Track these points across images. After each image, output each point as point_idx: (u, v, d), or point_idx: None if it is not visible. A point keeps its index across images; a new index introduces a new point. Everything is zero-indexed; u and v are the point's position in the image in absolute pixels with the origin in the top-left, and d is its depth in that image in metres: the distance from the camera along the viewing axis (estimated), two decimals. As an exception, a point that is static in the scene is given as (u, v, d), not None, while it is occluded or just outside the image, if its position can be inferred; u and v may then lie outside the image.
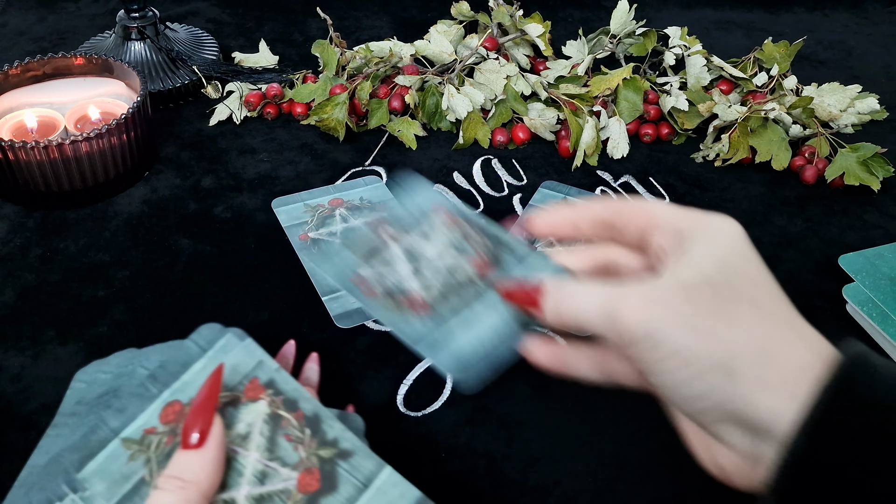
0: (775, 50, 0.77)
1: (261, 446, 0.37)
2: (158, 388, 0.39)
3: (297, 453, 0.37)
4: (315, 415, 0.38)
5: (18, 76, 0.65)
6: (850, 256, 0.57)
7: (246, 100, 0.72)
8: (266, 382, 0.39)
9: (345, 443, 0.37)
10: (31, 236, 0.59)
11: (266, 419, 0.38)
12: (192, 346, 0.41)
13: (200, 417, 0.36)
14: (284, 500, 0.36)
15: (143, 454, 0.37)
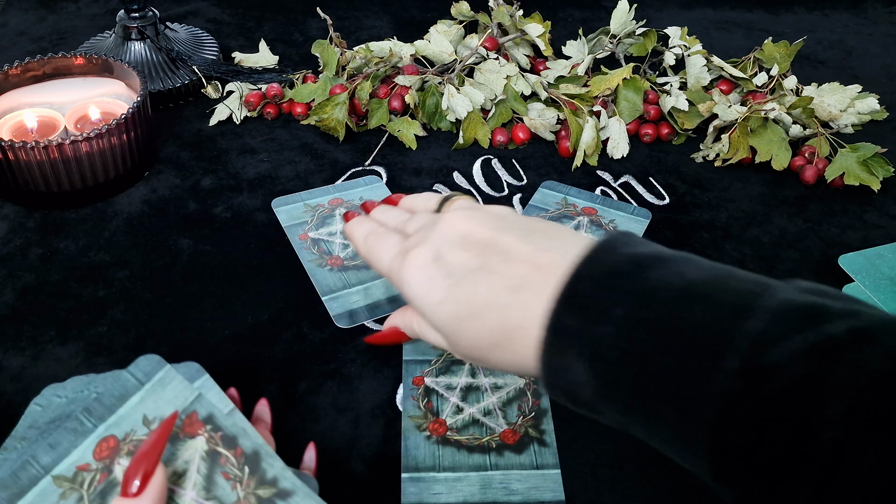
0: (775, 50, 0.77)
1: (197, 484, 0.36)
2: (93, 423, 0.38)
3: (235, 492, 0.36)
4: (255, 452, 0.37)
5: (18, 76, 0.65)
6: (850, 256, 0.57)
7: (246, 100, 0.72)
8: (205, 417, 0.38)
9: (284, 482, 0.37)
10: (31, 236, 0.59)
11: (203, 456, 0.37)
12: (130, 378, 0.40)
13: (144, 464, 0.35)
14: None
15: (76, 492, 0.36)
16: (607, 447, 0.46)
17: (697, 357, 0.30)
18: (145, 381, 0.40)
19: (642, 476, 0.45)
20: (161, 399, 0.39)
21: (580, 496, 0.44)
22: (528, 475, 0.44)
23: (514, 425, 0.47)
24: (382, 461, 0.45)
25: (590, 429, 0.47)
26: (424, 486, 0.43)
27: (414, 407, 0.47)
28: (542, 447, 0.45)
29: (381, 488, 0.43)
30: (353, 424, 0.46)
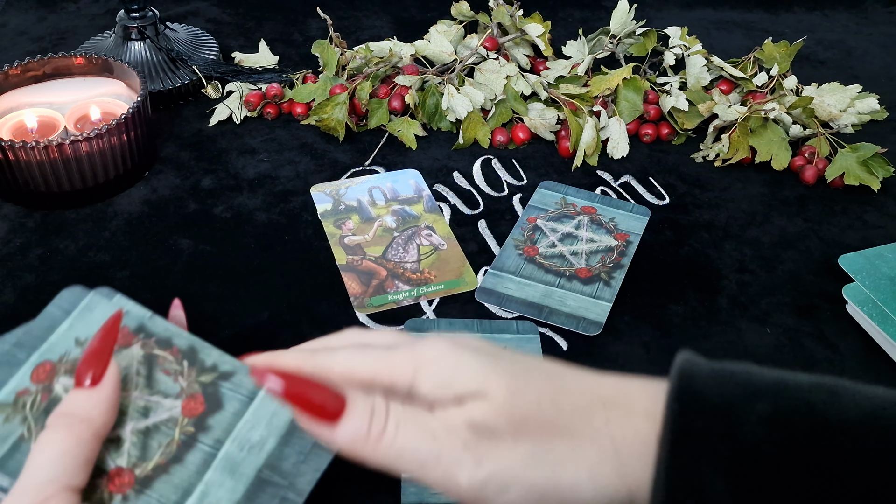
0: (775, 50, 0.77)
1: (139, 385, 0.39)
2: (26, 353, 0.40)
3: (178, 384, 0.39)
4: (190, 347, 0.40)
5: (18, 76, 0.65)
6: (850, 256, 0.57)
7: (246, 100, 0.72)
8: (135, 329, 0.41)
9: (224, 365, 0.39)
10: (31, 236, 0.59)
11: (141, 360, 0.40)
12: (55, 310, 0.42)
13: (95, 359, 0.36)
14: (172, 427, 0.37)
15: (19, 414, 0.38)
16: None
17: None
18: (71, 310, 0.41)
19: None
20: (90, 322, 0.41)
21: (580, 496, 0.44)
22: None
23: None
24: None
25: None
26: (424, 486, 0.43)
27: None
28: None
29: (381, 488, 0.43)
30: (354, 424, 0.46)
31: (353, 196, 0.63)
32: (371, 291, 0.55)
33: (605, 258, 0.58)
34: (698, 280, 0.58)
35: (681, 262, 0.60)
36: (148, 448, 0.36)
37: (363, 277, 0.56)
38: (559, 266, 0.57)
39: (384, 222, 0.61)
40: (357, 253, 0.58)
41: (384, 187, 0.64)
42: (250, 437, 0.37)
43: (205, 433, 0.37)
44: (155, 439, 0.37)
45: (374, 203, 0.63)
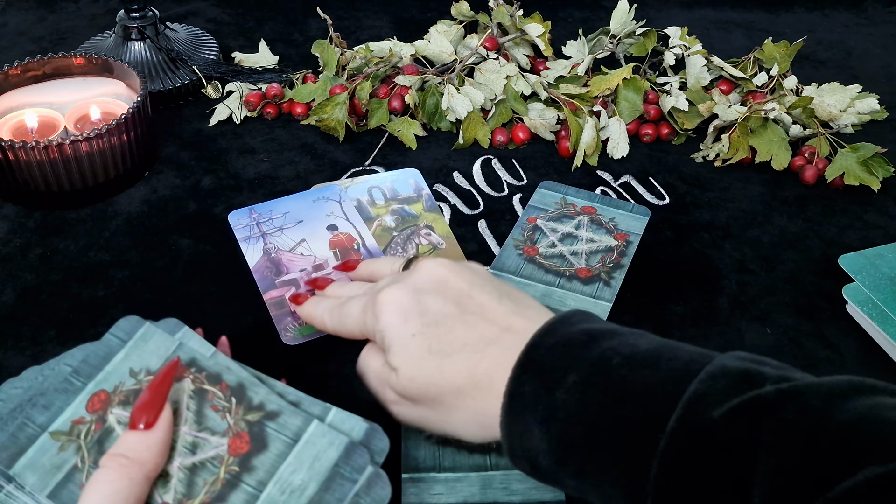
0: (775, 50, 0.77)
1: (188, 420, 0.39)
2: (82, 382, 0.40)
3: (225, 421, 0.39)
4: (239, 384, 0.40)
5: (18, 76, 0.65)
6: (850, 256, 0.57)
7: (246, 100, 0.72)
8: (187, 362, 0.41)
9: (271, 405, 0.39)
10: (31, 236, 0.59)
11: (191, 395, 0.39)
12: (112, 339, 0.42)
13: (150, 404, 0.37)
14: (217, 465, 0.37)
15: (73, 443, 0.37)
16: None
17: (644, 420, 0.33)
18: (127, 340, 0.42)
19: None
20: (144, 352, 0.41)
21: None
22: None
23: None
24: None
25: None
26: (425, 486, 0.43)
27: None
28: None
29: (381, 488, 0.43)
30: (354, 424, 0.46)
31: (354, 195, 0.63)
32: None
33: (605, 258, 0.57)
34: (698, 280, 0.58)
35: (681, 262, 0.60)
36: (194, 485, 0.36)
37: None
38: (559, 266, 0.57)
39: (383, 222, 0.61)
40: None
41: (384, 187, 0.64)
42: (292, 481, 0.37)
43: (249, 473, 0.37)
44: (201, 476, 0.37)
45: (374, 203, 0.63)
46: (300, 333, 0.52)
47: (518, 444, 0.36)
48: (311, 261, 0.57)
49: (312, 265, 0.57)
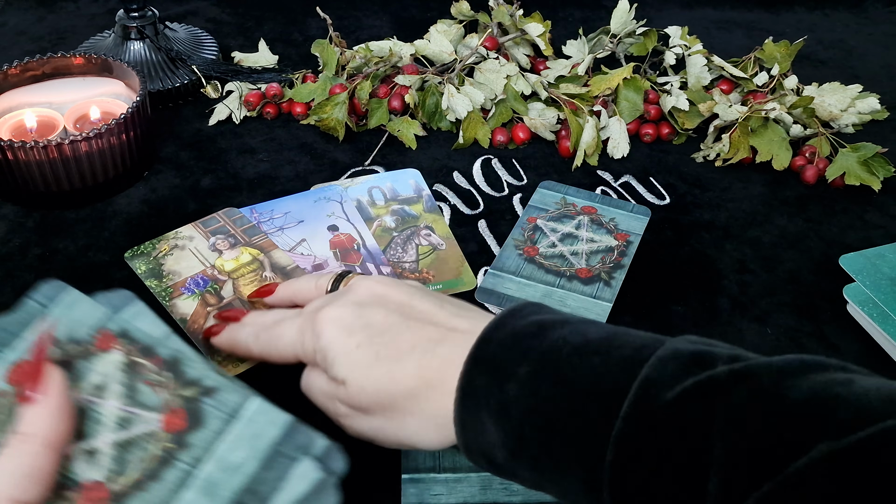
0: (776, 49, 0.77)
1: (119, 394, 0.37)
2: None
3: (159, 396, 0.37)
4: (174, 358, 0.38)
5: (18, 76, 0.65)
6: (851, 256, 0.57)
7: (245, 99, 0.72)
8: (118, 332, 0.39)
9: (208, 380, 0.37)
10: (31, 236, 0.59)
11: (122, 367, 0.38)
12: (33, 304, 0.39)
13: (30, 371, 0.35)
14: (151, 442, 0.36)
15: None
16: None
17: (597, 407, 0.32)
18: (48, 305, 0.39)
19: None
20: (70, 320, 0.38)
21: (580, 497, 0.43)
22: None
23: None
24: (382, 462, 0.44)
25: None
26: (424, 486, 0.43)
27: None
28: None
29: (380, 489, 0.43)
30: (353, 425, 0.46)
31: (354, 195, 0.63)
32: None
33: (605, 258, 0.57)
34: (699, 280, 0.58)
35: (681, 262, 0.60)
36: (125, 462, 0.35)
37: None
38: (559, 266, 0.56)
39: (383, 222, 0.61)
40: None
41: (384, 187, 0.64)
42: (231, 459, 0.35)
43: (184, 451, 0.35)
44: (133, 453, 0.35)
45: (374, 203, 0.62)
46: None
47: (473, 440, 0.36)
48: (310, 260, 0.57)
49: (312, 265, 0.57)
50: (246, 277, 0.54)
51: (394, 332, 0.38)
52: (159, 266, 0.55)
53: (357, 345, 0.38)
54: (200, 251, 0.56)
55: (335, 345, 0.39)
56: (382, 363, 0.38)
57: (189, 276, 0.54)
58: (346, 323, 0.39)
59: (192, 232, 0.57)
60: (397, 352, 0.38)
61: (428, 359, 0.37)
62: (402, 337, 0.38)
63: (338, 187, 0.63)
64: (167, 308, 0.52)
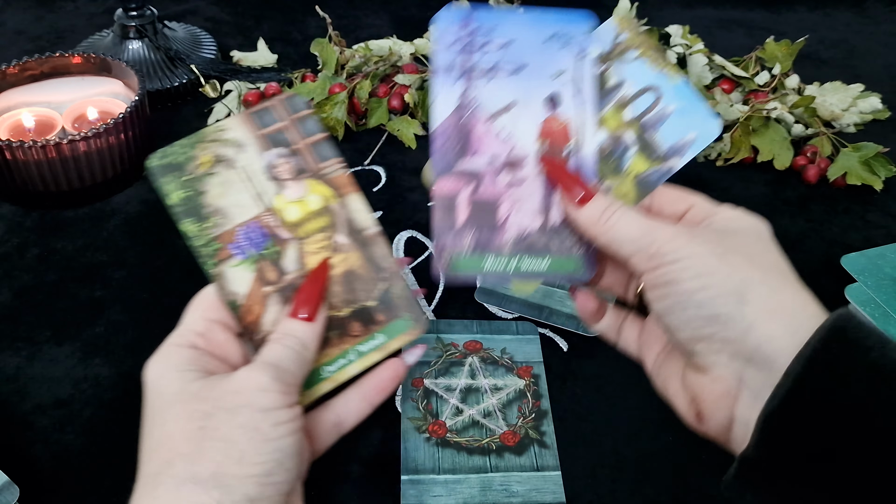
0: (777, 49, 0.77)
1: None
2: None
3: None
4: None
5: (16, 75, 0.64)
6: (853, 257, 0.57)
7: (244, 99, 0.72)
8: None
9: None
10: (29, 236, 0.58)
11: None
12: None
13: (308, 295, 0.36)
14: None
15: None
16: (608, 449, 0.46)
17: None
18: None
19: (642, 478, 0.44)
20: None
21: (580, 498, 0.43)
22: (528, 477, 0.44)
23: (514, 427, 0.46)
24: (382, 463, 0.44)
25: (590, 430, 0.47)
26: (424, 488, 0.43)
27: (413, 409, 0.47)
28: (542, 449, 0.45)
29: (380, 490, 0.43)
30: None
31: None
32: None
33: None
34: (700, 280, 0.58)
35: (682, 262, 0.59)
36: None
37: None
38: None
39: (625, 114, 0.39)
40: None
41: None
42: None
43: None
44: None
45: (625, 105, 0.39)
46: (459, 267, 0.36)
47: None
48: (507, 148, 0.37)
49: (507, 158, 0.37)
50: (312, 240, 0.37)
51: None
52: (199, 194, 0.36)
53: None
54: (254, 175, 0.37)
55: None
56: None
57: (238, 225, 0.36)
58: None
59: (242, 132, 0.37)
60: None
61: None
62: None
63: (589, 19, 0.39)
64: (210, 277, 0.36)
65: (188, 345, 0.35)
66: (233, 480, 0.30)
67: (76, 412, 0.46)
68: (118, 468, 0.43)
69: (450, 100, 0.37)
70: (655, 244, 0.33)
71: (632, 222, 0.34)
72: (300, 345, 0.35)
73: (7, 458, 0.43)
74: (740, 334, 0.31)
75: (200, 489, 0.30)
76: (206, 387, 0.32)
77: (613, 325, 0.41)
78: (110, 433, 0.45)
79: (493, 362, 0.50)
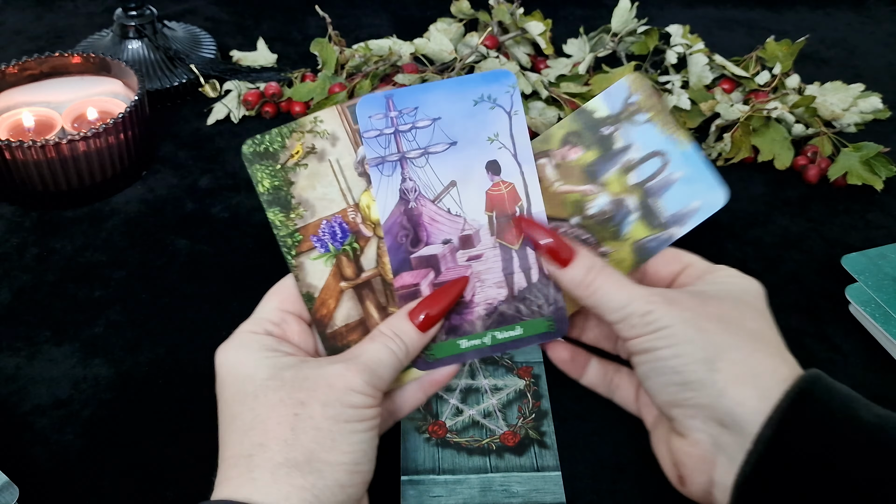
0: (778, 48, 0.77)
1: None
2: None
3: None
4: None
5: (16, 75, 0.64)
6: (853, 257, 0.57)
7: (244, 99, 0.72)
8: None
9: None
10: (28, 236, 0.58)
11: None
12: None
13: (433, 306, 0.36)
14: None
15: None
16: (608, 449, 0.46)
17: None
18: None
19: (643, 479, 0.44)
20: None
21: (581, 499, 0.43)
22: (528, 477, 0.44)
23: (514, 427, 0.46)
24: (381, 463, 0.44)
25: (591, 431, 0.47)
26: (424, 488, 0.43)
27: None
28: (542, 449, 0.45)
29: (379, 491, 0.43)
30: (352, 426, 0.46)
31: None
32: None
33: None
34: (700, 280, 0.58)
35: (682, 262, 0.59)
36: None
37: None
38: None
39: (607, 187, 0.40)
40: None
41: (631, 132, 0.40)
42: None
43: None
44: None
45: (630, 169, 0.40)
46: (437, 354, 0.38)
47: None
48: (458, 226, 0.37)
49: (460, 235, 0.37)
50: None
51: None
52: (288, 184, 0.36)
53: None
54: (344, 169, 0.36)
55: None
56: None
57: (324, 217, 0.36)
58: None
59: (337, 124, 0.36)
60: None
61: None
62: None
63: (511, 76, 0.38)
64: (291, 267, 0.37)
65: (265, 332, 0.36)
66: (325, 467, 0.32)
67: (76, 412, 0.46)
68: (118, 468, 0.43)
69: (391, 192, 0.37)
70: (636, 314, 0.34)
71: (614, 288, 0.35)
72: (403, 351, 0.36)
73: (7, 458, 0.43)
74: (712, 400, 0.32)
75: (297, 473, 0.31)
76: (300, 375, 0.34)
77: (602, 380, 0.41)
78: (110, 433, 0.45)
79: (494, 362, 0.50)
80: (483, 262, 0.37)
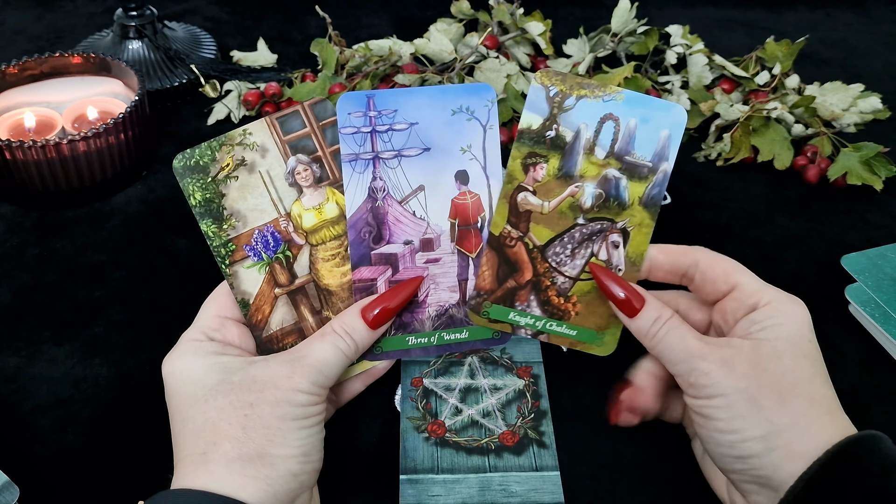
0: (777, 49, 0.77)
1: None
2: None
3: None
4: None
5: (16, 75, 0.64)
6: (853, 256, 0.57)
7: (244, 99, 0.72)
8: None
9: None
10: (28, 236, 0.58)
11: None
12: None
13: (385, 304, 0.38)
14: None
15: None
16: (607, 449, 0.46)
17: None
18: None
19: (642, 478, 0.44)
20: None
21: (579, 498, 0.43)
22: (527, 477, 0.44)
23: (513, 427, 0.46)
24: (380, 463, 0.44)
25: (589, 430, 0.47)
26: (423, 487, 0.43)
27: (412, 408, 0.47)
28: (541, 449, 0.45)
29: (379, 490, 0.43)
30: (351, 425, 0.46)
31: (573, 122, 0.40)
32: (500, 294, 0.39)
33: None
34: (699, 280, 0.58)
35: (682, 262, 0.59)
36: None
37: (504, 269, 0.39)
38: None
39: (582, 190, 0.40)
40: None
41: (624, 122, 0.40)
42: None
43: None
44: None
45: (574, 147, 0.40)
46: (384, 346, 0.40)
47: None
48: (421, 228, 0.39)
49: (421, 238, 0.39)
50: (327, 247, 0.39)
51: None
52: (219, 196, 0.38)
53: None
54: (274, 179, 0.38)
55: None
56: None
57: (257, 227, 0.38)
58: None
59: (266, 136, 0.39)
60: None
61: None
62: None
63: (491, 91, 0.39)
64: (226, 275, 0.38)
65: (207, 339, 0.38)
66: (277, 460, 0.34)
67: (76, 412, 0.46)
68: (118, 468, 0.43)
69: (360, 188, 0.39)
70: (694, 374, 0.36)
71: (676, 342, 0.37)
72: (352, 349, 0.38)
73: (7, 458, 0.43)
74: (768, 473, 0.34)
75: (251, 466, 0.33)
76: (247, 378, 0.35)
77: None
78: (110, 433, 0.45)
79: (493, 362, 0.50)
80: (440, 266, 0.40)
